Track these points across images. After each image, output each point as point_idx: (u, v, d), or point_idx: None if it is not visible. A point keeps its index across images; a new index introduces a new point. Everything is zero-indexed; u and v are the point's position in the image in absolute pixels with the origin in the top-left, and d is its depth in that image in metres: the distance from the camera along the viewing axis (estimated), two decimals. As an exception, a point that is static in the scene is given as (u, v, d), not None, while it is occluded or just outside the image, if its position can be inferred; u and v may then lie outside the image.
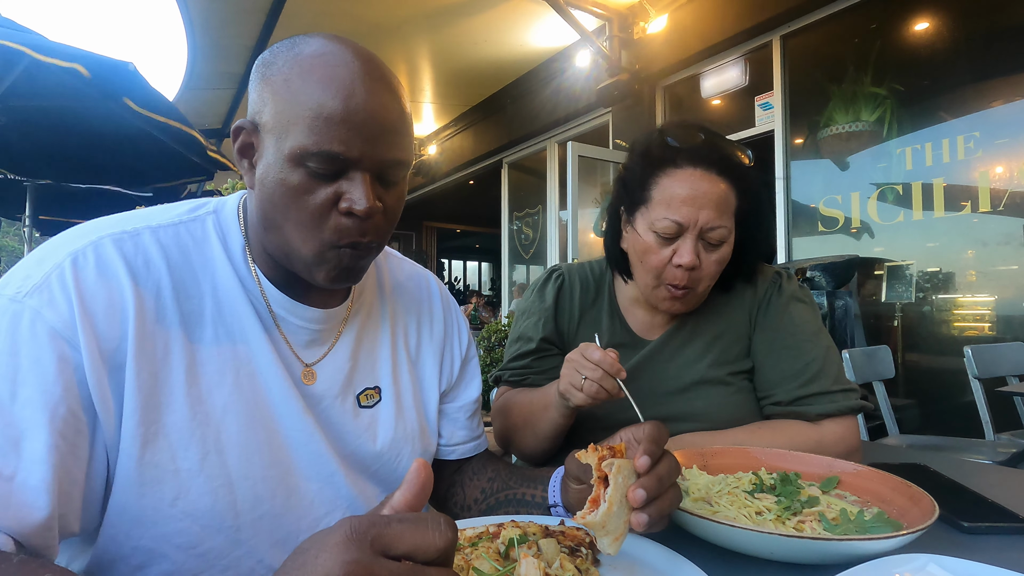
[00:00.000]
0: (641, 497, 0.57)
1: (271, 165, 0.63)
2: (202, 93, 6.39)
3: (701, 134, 1.02)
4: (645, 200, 1.03)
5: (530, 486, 0.82)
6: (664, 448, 0.62)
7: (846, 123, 3.67)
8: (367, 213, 0.63)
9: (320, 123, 0.60)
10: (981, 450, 2.41)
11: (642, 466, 0.58)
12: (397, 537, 0.37)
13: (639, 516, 0.57)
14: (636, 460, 0.59)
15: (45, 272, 0.59)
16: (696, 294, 1.05)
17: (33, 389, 0.55)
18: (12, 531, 0.51)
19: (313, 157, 0.61)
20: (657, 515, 0.58)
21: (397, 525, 0.38)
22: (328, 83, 0.61)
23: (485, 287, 18.18)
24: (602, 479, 0.59)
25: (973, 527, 0.72)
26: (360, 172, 0.63)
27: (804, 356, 1.04)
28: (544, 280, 1.23)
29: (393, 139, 0.64)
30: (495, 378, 1.22)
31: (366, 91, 0.62)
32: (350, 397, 0.77)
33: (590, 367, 0.87)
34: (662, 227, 0.99)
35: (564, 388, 0.91)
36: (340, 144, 0.61)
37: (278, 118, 0.62)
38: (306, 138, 0.61)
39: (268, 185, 0.64)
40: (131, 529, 0.61)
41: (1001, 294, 3.14)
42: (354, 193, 0.63)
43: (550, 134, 6.36)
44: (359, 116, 0.61)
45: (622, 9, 4.95)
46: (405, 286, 0.91)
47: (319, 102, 0.60)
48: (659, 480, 0.59)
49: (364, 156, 0.62)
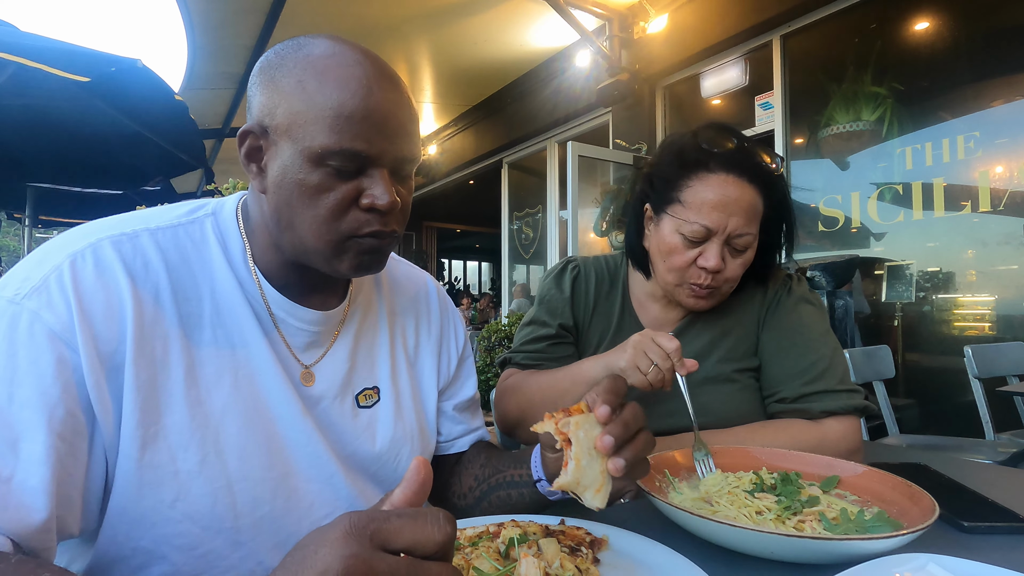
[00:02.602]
0: (609, 443, 0.58)
1: (288, 167, 0.63)
2: (202, 93, 6.38)
3: (735, 139, 1.02)
4: (674, 200, 1.03)
5: (517, 466, 0.82)
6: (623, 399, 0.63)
7: (846, 123, 3.67)
8: (389, 208, 0.65)
9: (341, 122, 0.61)
10: (981, 450, 2.41)
11: (602, 415, 0.59)
12: (396, 532, 0.38)
13: (616, 461, 0.58)
14: (596, 411, 0.60)
15: (44, 274, 0.59)
16: (720, 293, 1.05)
17: (31, 390, 0.55)
18: (10, 532, 0.51)
19: (335, 156, 0.62)
20: (633, 458, 0.59)
21: (396, 520, 0.38)
22: (346, 83, 0.62)
23: (485, 287, 18.18)
24: (567, 440, 0.60)
25: (973, 527, 0.72)
26: (379, 169, 0.64)
27: (811, 355, 1.04)
28: (560, 270, 1.23)
29: (408, 136, 0.66)
30: (503, 360, 1.21)
31: (382, 90, 0.64)
32: (349, 398, 0.77)
33: (662, 356, 0.88)
34: (690, 230, 0.99)
35: (628, 367, 0.90)
36: (362, 142, 0.62)
37: (294, 119, 0.62)
38: (327, 137, 0.61)
39: (286, 186, 0.64)
40: (131, 530, 0.61)
41: (1001, 294, 3.13)
42: (375, 189, 0.64)
43: (550, 134, 6.36)
44: (378, 114, 0.63)
45: (622, 9, 4.95)
46: (402, 286, 0.91)
47: (339, 101, 0.61)
48: (625, 425, 0.60)
49: (384, 153, 0.64)
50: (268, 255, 0.72)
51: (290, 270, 0.73)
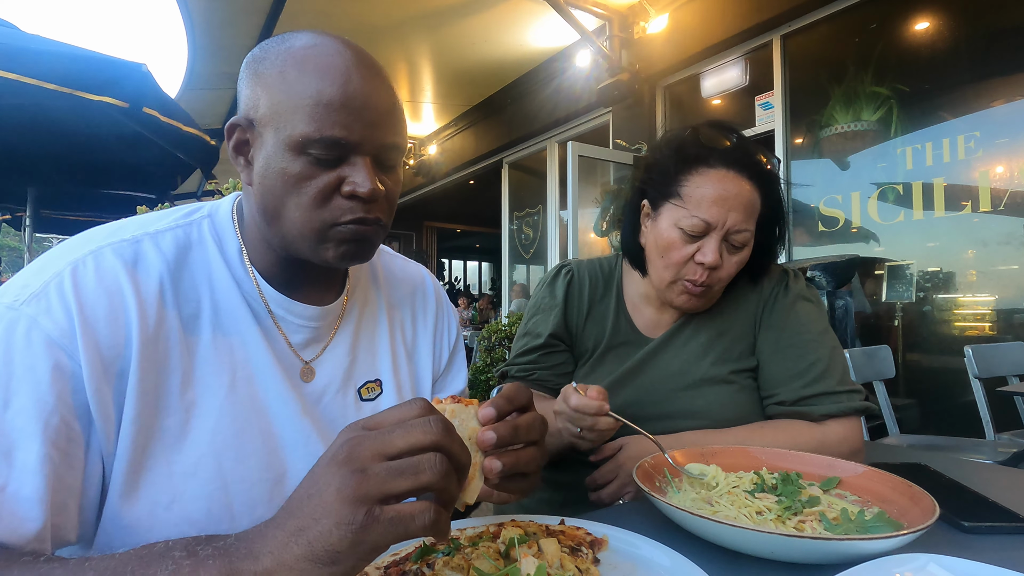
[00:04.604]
0: (490, 439, 0.54)
1: (271, 156, 0.64)
2: (202, 93, 6.38)
3: (735, 136, 1.03)
4: (673, 195, 1.03)
5: None
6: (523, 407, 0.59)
7: (846, 123, 3.67)
8: (371, 195, 0.64)
9: (320, 110, 0.61)
10: (981, 450, 2.41)
11: (484, 416, 0.56)
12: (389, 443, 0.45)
13: (493, 462, 0.54)
14: (480, 409, 0.56)
15: (44, 281, 0.59)
16: (712, 292, 1.05)
17: (26, 398, 0.54)
18: (4, 542, 0.51)
19: (315, 144, 0.62)
20: (511, 466, 0.55)
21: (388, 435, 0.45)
22: (324, 72, 0.62)
23: (485, 287, 18.18)
24: None
25: (974, 527, 0.72)
26: (361, 156, 0.65)
27: (809, 356, 1.04)
28: (554, 276, 1.24)
29: (390, 123, 0.66)
30: (501, 373, 1.22)
31: (361, 78, 0.64)
32: (351, 391, 0.78)
33: (579, 418, 0.86)
34: (689, 224, 0.99)
35: (570, 441, 0.91)
36: (341, 129, 0.62)
37: (276, 110, 0.63)
38: (307, 126, 0.62)
39: (269, 176, 0.64)
40: (127, 534, 0.61)
41: (1001, 294, 3.13)
42: (357, 177, 0.64)
43: (550, 134, 6.36)
44: (357, 101, 0.63)
45: (622, 9, 4.95)
46: (399, 278, 0.92)
47: (317, 90, 0.62)
48: (515, 429, 0.56)
49: (364, 140, 0.64)
50: (263, 253, 0.72)
51: (285, 266, 0.73)
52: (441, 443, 0.46)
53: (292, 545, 0.43)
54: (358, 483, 0.43)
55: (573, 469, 1.08)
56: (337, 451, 0.45)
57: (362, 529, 0.42)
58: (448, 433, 0.47)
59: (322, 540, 0.42)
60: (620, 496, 0.97)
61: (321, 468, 0.45)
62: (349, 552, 0.42)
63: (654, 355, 1.11)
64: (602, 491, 0.98)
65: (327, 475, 0.44)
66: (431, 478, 0.44)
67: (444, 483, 0.45)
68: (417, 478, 0.44)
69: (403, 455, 0.45)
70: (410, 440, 0.45)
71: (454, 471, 0.46)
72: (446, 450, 0.46)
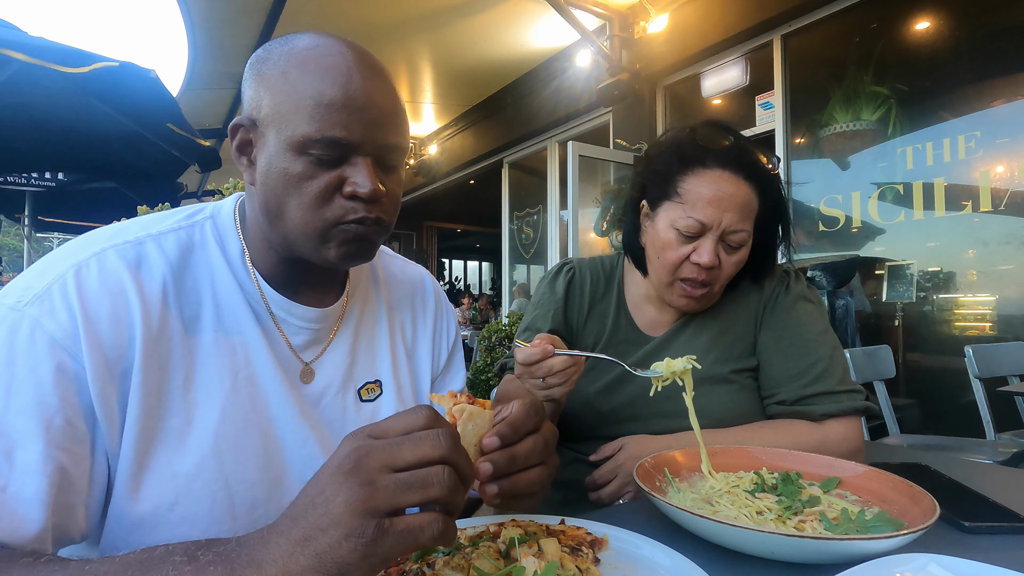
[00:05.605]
0: (486, 471, 0.54)
1: (273, 156, 0.64)
2: (202, 93, 6.38)
3: (731, 137, 1.03)
4: (669, 195, 1.03)
5: None
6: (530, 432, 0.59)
7: (847, 122, 3.67)
8: (372, 196, 0.65)
9: (321, 110, 0.62)
10: (982, 450, 2.41)
11: (487, 445, 0.55)
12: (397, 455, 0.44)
13: (490, 487, 0.55)
14: (484, 440, 0.56)
15: (47, 282, 0.59)
16: (711, 293, 1.05)
17: (28, 399, 0.54)
18: (4, 542, 0.51)
19: (316, 144, 0.62)
20: (509, 491, 0.56)
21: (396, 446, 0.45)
22: (326, 72, 0.63)
23: (486, 287, 18.18)
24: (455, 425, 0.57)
25: (974, 527, 0.72)
26: (362, 157, 0.65)
27: (809, 355, 1.04)
28: (555, 273, 1.24)
29: (391, 123, 0.66)
30: (500, 366, 1.22)
31: (362, 78, 0.64)
32: (351, 392, 0.78)
33: (533, 370, 0.86)
34: (685, 225, 0.99)
35: (545, 397, 0.91)
36: (342, 129, 0.62)
37: (278, 110, 0.63)
38: (308, 126, 0.62)
39: (271, 176, 0.65)
40: (130, 535, 0.61)
41: (1002, 294, 3.13)
42: (357, 177, 0.64)
43: (550, 134, 6.36)
44: (358, 102, 0.63)
45: (622, 9, 4.95)
46: (399, 279, 0.92)
47: (319, 90, 0.62)
48: (512, 458, 0.56)
49: (365, 140, 0.64)
50: (264, 254, 0.72)
51: (286, 268, 0.73)
52: (449, 457, 0.45)
53: (298, 555, 0.42)
54: (367, 495, 0.42)
55: (573, 469, 1.08)
56: (343, 460, 0.45)
57: (372, 542, 0.42)
58: (455, 447, 0.47)
59: (331, 552, 0.42)
60: (620, 496, 0.97)
61: (327, 477, 0.45)
62: (359, 564, 0.42)
63: (654, 354, 1.11)
64: (602, 491, 0.98)
65: (334, 485, 0.44)
66: (440, 492, 0.44)
67: (452, 496, 0.45)
68: (426, 492, 0.44)
69: (411, 467, 0.44)
70: (419, 454, 0.45)
71: (460, 484, 0.46)
72: (453, 463, 0.46)
